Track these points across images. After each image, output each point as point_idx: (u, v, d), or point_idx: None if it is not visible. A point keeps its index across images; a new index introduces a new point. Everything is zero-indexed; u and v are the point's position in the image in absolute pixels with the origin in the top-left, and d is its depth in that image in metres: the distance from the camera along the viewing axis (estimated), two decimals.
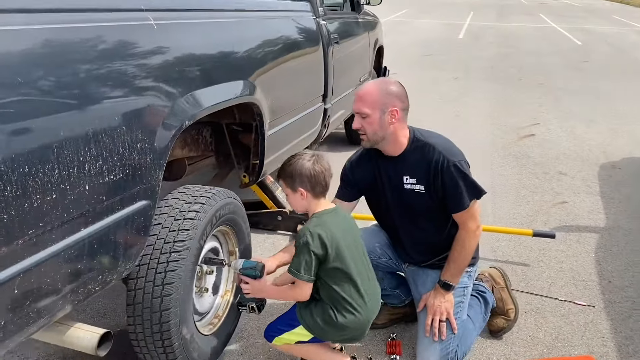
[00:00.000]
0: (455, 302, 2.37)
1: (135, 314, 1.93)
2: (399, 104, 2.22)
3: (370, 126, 2.23)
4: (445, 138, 2.36)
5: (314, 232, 1.97)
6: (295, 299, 2.11)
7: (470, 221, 2.31)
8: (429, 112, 7.09)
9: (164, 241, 1.95)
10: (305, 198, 2.06)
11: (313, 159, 2.05)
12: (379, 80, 2.30)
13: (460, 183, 2.23)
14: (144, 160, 1.61)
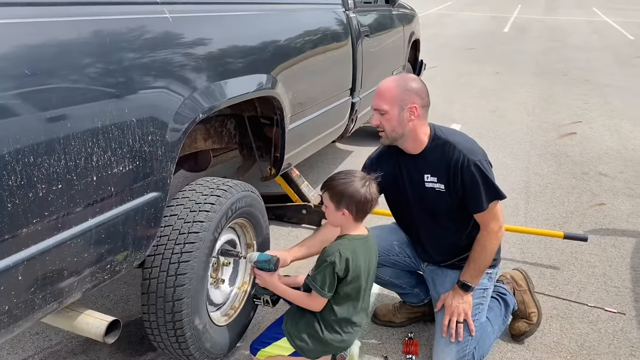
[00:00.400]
0: (474, 303, 2.31)
1: (149, 303, 1.96)
2: (418, 100, 2.17)
3: (388, 123, 2.20)
4: (466, 136, 2.30)
5: (343, 256, 2.01)
6: (306, 307, 2.12)
7: (493, 222, 2.25)
8: (466, 107, 6.95)
9: (178, 232, 1.97)
10: (346, 219, 2.06)
11: (366, 185, 2.04)
12: (399, 76, 2.25)
13: (480, 183, 2.17)
14: (154, 152, 1.63)
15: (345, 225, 2.12)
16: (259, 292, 2.23)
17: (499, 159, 5.02)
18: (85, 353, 2.39)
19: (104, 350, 2.40)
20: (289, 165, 3.04)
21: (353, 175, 2.08)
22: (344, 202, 2.04)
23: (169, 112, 1.68)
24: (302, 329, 2.12)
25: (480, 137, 5.68)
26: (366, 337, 2.54)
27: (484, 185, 2.17)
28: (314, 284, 2.02)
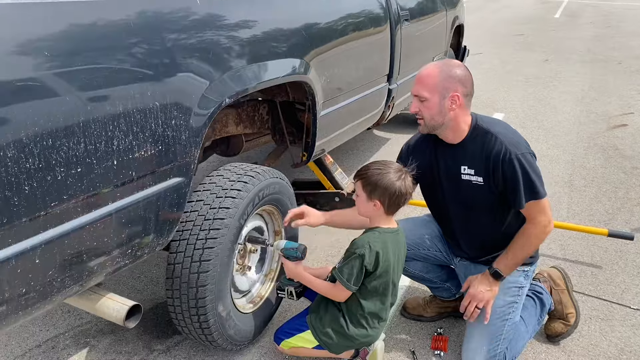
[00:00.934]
0: (508, 302, 2.21)
1: (173, 288, 1.96)
2: (461, 88, 2.06)
3: (428, 111, 2.10)
4: (510, 127, 2.18)
5: (373, 249, 1.97)
6: (330, 297, 2.09)
7: (540, 215, 2.12)
8: (511, 95, 6.71)
9: (204, 218, 1.95)
10: (377, 210, 2.02)
11: (402, 178, 1.99)
12: (442, 62, 2.14)
13: (520, 178, 2.05)
14: (178, 137, 1.60)
15: (375, 217, 2.07)
16: (283, 283, 2.21)
17: (543, 150, 4.83)
18: (113, 333, 2.42)
19: (132, 331, 2.43)
20: (322, 152, 2.99)
21: (389, 166, 2.01)
22: (377, 193, 1.98)
23: (194, 96, 1.65)
24: (327, 323, 2.08)
25: (524, 127, 5.48)
26: (394, 331, 2.48)
27: (524, 180, 2.05)
28: (341, 276, 1.98)
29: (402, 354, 2.34)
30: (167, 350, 2.32)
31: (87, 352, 2.30)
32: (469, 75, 2.10)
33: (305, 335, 2.14)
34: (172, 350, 2.33)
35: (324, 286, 2.08)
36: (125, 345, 2.35)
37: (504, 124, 2.20)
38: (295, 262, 2.11)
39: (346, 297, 2.05)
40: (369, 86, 3.10)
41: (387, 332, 2.47)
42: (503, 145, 2.06)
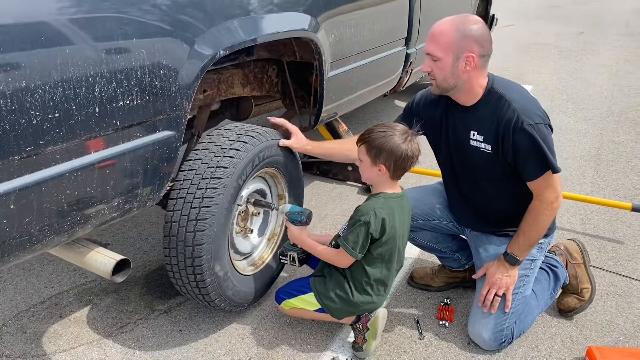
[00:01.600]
0: (519, 275, 2.11)
1: (170, 246, 1.93)
2: (477, 48, 1.91)
3: (440, 71, 1.97)
4: (527, 94, 2.03)
5: (379, 215, 1.90)
6: (333, 263, 2.03)
7: (548, 191, 2.00)
8: (542, 68, 6.46)
9: (201, 177, 1.91)
10: (382, 175, 1.93)
11: (408, 140, 1.89)
12: (458, 17, 1.97)
13: (532, 150, 1.92)
14: (167, 88, 1.54)
15: (380, 183, 1.99)
16: (286, 248, 2.16)
17: (570, 123, 4.64)
18: (116, 292, 2.42)
19: (134, 291, 2.43)
20: (334, 116, 2.90)
21: (394, 128, 1.92)
22: (382, 157, 1.90)
23: (184, 46, 1.58)
24: (331, 288, 2.03)
25: (552, 100, 5.27)
26: (399, 300, 2.42)
27: (536, 153, 1.92)
28: (346, 244, 1.92)
29: (406, 323, 2.28)
30: (168, 311, 2.32)
31: (89, 310, 2.31)
32: (487, 33, 1.95)
33: (307, 297, 2.09)
34: (173, 310, 2.32)
35: (327, 252, 2.02)
36: (127, 305, 2.35)
37: (523, 90, 2.05)
38: (299, 227, 2.05)
39: (349, 264, 1.99)
40: (384, 49, 2.98)
41: (392, 301, 2.41)
42: (516, 112, 1.92)
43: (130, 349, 2.10)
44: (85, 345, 2.12)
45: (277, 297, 2.15)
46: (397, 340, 2.18)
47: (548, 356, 2.12)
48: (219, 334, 2.19)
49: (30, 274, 2.53)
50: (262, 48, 2.46)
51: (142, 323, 2.24)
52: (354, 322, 2.09)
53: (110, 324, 2.23)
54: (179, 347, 2.12)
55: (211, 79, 2.37)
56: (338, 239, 1.99)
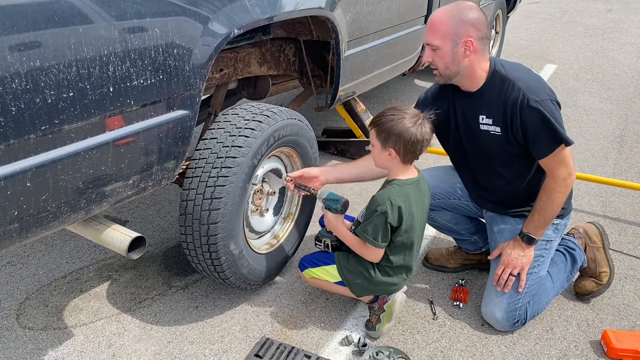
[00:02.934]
0: (534, 255, 2.11)
1: (186, 224, 1.96)
2: (474, 33, 1.90)
3: (441, 60, 1.97)
4: (531, 72, 2.02)
5: (395, 204, 1.89)
6: (362, 256, 2.02)
7: (560, 168, 1.99)
8: (567, 46, 6.31)
9: (216, 156, 1.92)
10: (392, 159, 1.92)
11: (418, 123, 1.87)
12: (452, 6, 1.97)
13: (541, 126, 1.91)
14: (181, 67, 1.55)
15: (392, 168, 1.98)
16: (322, 234, 2.17)
17: (595, 104, 4.54)
18: (135, 268, 2.47)
19: (152, 268, 2.48)
20: (351, 95, 2.88)
21: (404, 111, 1.90)
22: (391, 141, 1.88)
23: (198, 24, 1.58)
24: (354, 263, 2.04)
25: (577, 79, 5.16)
26: (414, 280, 2.43)
27: (545, 128, 1.91)
28: (366, 235, 1.92)
29: (420, 303, 2.29)
30: (185, 287, 2.36)
31: (108, 285, 2.36)
32: (482, 17, 1.94)
33: (329, 269, 2.08)
34: (190, 287, 2.36)
35: (357, 244, 2.01)
36: (146, 281, 2.40)
37: (525, 69, 2.04)
38: (336, 214, 2.03)
39: (379, 257, 1.98)
40: (403, 27, 2.94)
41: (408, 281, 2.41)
42: (521, 91, 1.92)
43: (148, 323, 2.15)
44: (105, 319, 2.17)
45: (301, 265, 2.16)
46: (410, 320, 2.19)
47: (562, 339, 2.11)
48: (234, 311, 2.22)
49: (52, 249, 2.59)
50: (278, 27, 2.45)
51: (160, 299, 2.29)
52: (372, 302, 2.10)
53: (129, 299, 2.29)
54: (195, 322, 2.16)
55: (227, 57, 2.37)
56: (357, 231, 1.98)
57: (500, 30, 5.27)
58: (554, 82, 5.06)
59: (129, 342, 2.06)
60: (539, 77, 2.01)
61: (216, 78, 2.36)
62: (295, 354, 1.96)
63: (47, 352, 2.00)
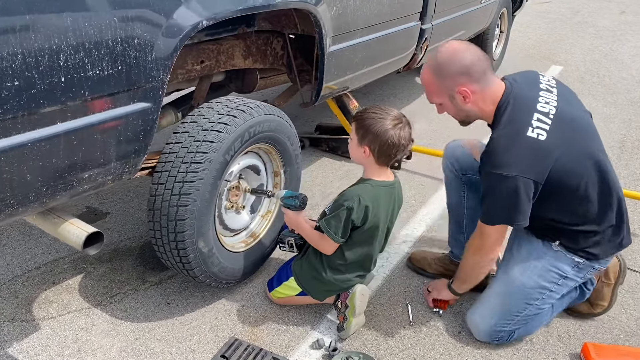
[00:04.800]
0: (540, 285, 1.93)
1: (154, 220, 1.91)
2: (465, 79, 1.80)
3: (449, 111, 1.95)
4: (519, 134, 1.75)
5: (363, 203, 1.86)
6: (318, 248, 2.02)
7: (477, 237, 1.92)
8: (575, 47, 6.18)
9: (187, 150, 1.87)
10: (366, 158, 1.90)
11: (398, 126, 1.83)
12: (432, 60, 1.88)
13: (486, 191, 1.83)
14: (142, 58, 1.49)
15: (367, 166, 1.96)
16: (284, 235, 2.15)
17: (598, 107, 4.43)
18: (111, 261, 2.43)
19: (128, 261, 2.44)
20: (339, 91, 2.80)
21: (388, 112, 1.87)
22: (367, 139, 1.85)
23: (162, 14, 1.52)
24: (306, 268, 2.04)
25: (582, 82, 5.04)
26: (394, 283, 2.37)
27: (484, 196, 1.84)
28: (327, 227, 1.88)
29: (397, 307, 2.23)
30: (158, 283, 2.31)
31: (82, 278, 2.32)
32: (467, 56, 1.80)
33: (289, 283, 2.09)
34: (163, 283, 2.31)
35: (313, 236, 1.99)
36: (120, 275, 2.36)
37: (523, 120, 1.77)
38: (295, 212, 2.02)
39: (333, 250, 1.96)
40: (395, 24, 2.86)
41: (385, 283, 2.36)
42: (486, 153, 1.80)
43: (117, 319, 2.11)
44: (74, 312, 2.14)
45: (269, 285, 2.17)
46: (385, 325, 2.14)
47: (542, 350, 2.04)
48: (206, 309, 2.18)
49: (29, 239, 2.56)
50: (262, 19, 2.39)
51: (132, 294, 2.25)
52: (335, 300, 2.07)
53: (100, 292, 2.25)
54: (165, 319, 2.12)
55: (209, 49, 2.32)
56: (320, 222, 1.95)
57: (505, 30, 5.16)
58: None
59: (96, 338, 2.02)
60: (521, 142, 1.74)
61: (197, 70, 2.30)
62: (263, 356, 1.91)
63: (11, 345, 1.97)
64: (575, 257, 1.92)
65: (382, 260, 2.51)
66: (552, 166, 1.75)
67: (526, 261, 1.95)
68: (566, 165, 1.77)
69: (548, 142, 1.74)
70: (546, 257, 1.93)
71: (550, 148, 1.75)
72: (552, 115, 1.80)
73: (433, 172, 3.34)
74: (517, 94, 1.84)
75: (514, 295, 1.95)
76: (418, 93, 4.69)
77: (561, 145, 1.76)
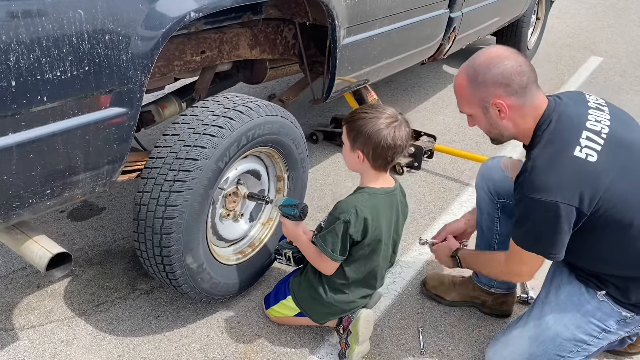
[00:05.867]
0: (578, 339, 1.65)
1: (139, 231, 1.73)
2: (502, 91, 1.53)
3: (480, 125, 1.67)
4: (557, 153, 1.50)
5: (361, 215, 1.64)
6: (317, 267, 1.80)
7: (515, 260, 1.65)
8: (617, 36, 5.77)
9: (175, 155, 1.67)
10: (361, 163, 1.68)
11: (393, 125, 1.61)
12: (469, 63, 1.61)
13: (520, 217, 1.56)
14: (115, 57, 1.28)
15: (363, 173, 1.74)
16: (282, 246, 1.94)
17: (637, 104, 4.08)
18: (101, 264, 2.27)
19: (120, 265, 2.27)
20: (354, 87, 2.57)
21: (381, 111, 1.64)
22: (359, 142, 1.64)
23: (140, 5, 1.30)
24: (305, 287, 1.83)
25: (624, 75, 4.67)
26: (405, 304, 2.15)
27: (518, 219, 1.58)
28: (324, 245, 1.67)
29: (408, 331, 2.02)
30: (149, 292, 2.14)
31: (68, 282, 2.17)
32: (509, 66, 1.52)
33: (287, 302, 1.89)
34: (154, 291, 2.14)
35: (311, 252, 1.78)
36: (109, 280, 2.19)
37: (565, 142, 1.50)
38: (294, 222, 1.81)
39: (333, 270, 1.75)
40: (420, 12, 2.59)
41: (396, 303, 2.15)
42: (525, 179, 1.51)
43: (100, 331, 1.95)
44: (56, 322, 1.98)
45: (265, 302, 1.99)
46: (393, 352, 1.93)
47: None
48: (197, 325, 2.00)
49: None
50: (270, 6, 2.15)
51: (120, 303, 2.08)
52: (337, 325, 1.87)
53: (86, 300, 2.09)
54: (153, 335, 1.95)
55: (211, 38, 2.10)
56: (315, 238, 1.74)
57: (542, 16, 4.80)
58: (597, 77, 4.59)
59: (76, 353, 1.86)
60: (572, 162, 1.47)
61: (196, 61, 2.09)
62: None
63: None
64: (623, 311, 1.63)
65: (394, 276, 2.29)
66: (602, 194, 1.46)
67: (564, 307, 1.68)
68: (619, 195, 1.48)
69: (599, 165, 1.46)
70: (588, 307, 1.64)
71: (601, 172, 1.46)
72: (605, 134, 1.52)
73: (456, 174, 3.08)
74: (562, 110, 1.57)
75: (545, 343, 1.68)
76: (445, 83, 4.40)
77: (614, 170, 1.48)
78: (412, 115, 3.80)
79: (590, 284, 1.65)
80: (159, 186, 1.66)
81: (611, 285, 1.61)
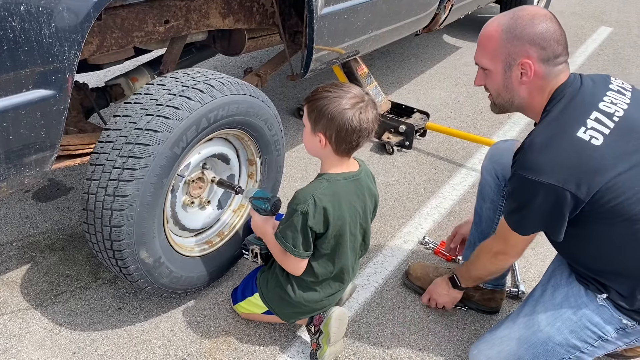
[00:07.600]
0: (571, 344, 1.51)
1: (89, 222, 1.58)
2: (535, 52, 1.38)
3: (492, 84, 1.50)
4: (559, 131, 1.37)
5: (319, 204, 1.48)
6: (285, 268, 1.64)
7: (499, 239, 1.57)
8: (629, 5, 5.48)
9: (125, 140, 1.50)
10: (323, 147, 1.50)
11: (358, 106, 1.44)
12: (509, 14, 1.44)
13: (510, 191, 1.46)
14: (35, 31, 1.10)
15: (325, 159, 1.56)
16: (250, 241, 1.79)
17: None
18: (63, 250, 2.13)
19: (83, 250, 2.13)
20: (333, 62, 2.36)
21: (346, 90, 1.47)
22: (321, 124, 1.47)
23: None
24: (272, 285, 1.68)
25: (634, 46, 4.43)
26: (385, 297, 2.01)
27: (509, 196, 1.48)
28: (284, 240, 1.51)
29: (386, 327, 1.88)
30: (112, 281, 2.01)
31: (27, 269, 2.03)
32: (551, 28, 1.39)
33: (254, 299, 1.76)
34: (118, 281, 2.01)
35: (278, 251, 1.62)
36: (71, 268, 2.05)
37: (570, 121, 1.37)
38: (264, 217, 1.65)
39: (302, 269, 1.60)
40: None
41: (375, 296, 2.01)
42: (523, 152, 1.40)
43: (56, 325, 1.82)
44: (10, 314, 1.85)
45: (233, 297, 1.85)
46: (370, 351, 1.80)
47: None
48: (160, 318, 1.87)
49: None
50: None
51: (80, 293, 1.95)
52: (308, 324, 1.74)
53: (44, 289, 1.95)
54: (112, 329, 1.82)
55: (175, 6, 1.90)
56: (276, 234, 1.58)
57: None
58: (606, 49, 4.35)
59: (28, 349, 1.74)
60: (573, 143, 1.34)
61: (160, 32, 1.90)
62: None
63: None
64: (623, 319, 1.47)
65: (376, 266, 2.15)
66: (605, 182, 1.31)
67: (559, 309, 1.53)
68: (628, 185, 1.33)
69: (603, 149, 1.32)
70: (585, 310, 1.49)
71: (604, 157, 1.32)
72: (618, 117, 1.37)
73: (450, 154, 2.91)
74: (577, 87, 1.43)
75: (535, 347, 1.53)
76: (444, 54, 4.17)
77: (623, 156, 1.33)
78: (406, 88, 3.60)
79: (590, 286, 1.50)
80: (107, 174, 1.50)
81: (614, 289, 1.46)
